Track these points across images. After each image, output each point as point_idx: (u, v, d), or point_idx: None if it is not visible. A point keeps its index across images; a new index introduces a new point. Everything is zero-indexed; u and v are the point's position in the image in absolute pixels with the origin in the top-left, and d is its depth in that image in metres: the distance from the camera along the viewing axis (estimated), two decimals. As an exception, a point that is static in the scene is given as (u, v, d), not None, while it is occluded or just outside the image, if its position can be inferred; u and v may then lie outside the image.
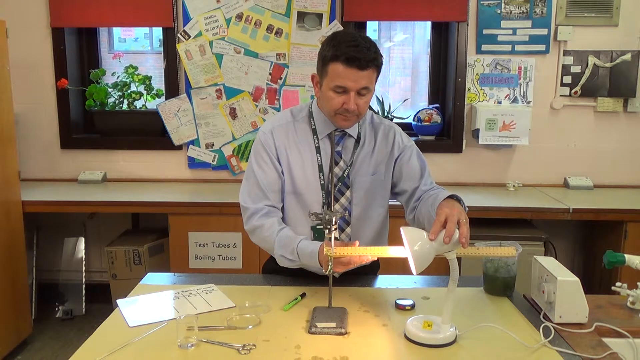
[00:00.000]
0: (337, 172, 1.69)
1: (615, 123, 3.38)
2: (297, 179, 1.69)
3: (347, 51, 1.50)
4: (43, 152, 3.49)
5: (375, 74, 1.58)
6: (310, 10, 3.28)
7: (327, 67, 1.56)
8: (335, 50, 1.53)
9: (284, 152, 1.70)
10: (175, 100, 3.39)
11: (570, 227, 3.47)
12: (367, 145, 1.73)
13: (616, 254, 1.55)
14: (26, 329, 3.02)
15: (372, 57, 1.53)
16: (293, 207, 1.72)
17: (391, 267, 2.76)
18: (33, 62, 3.39)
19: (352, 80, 1.53)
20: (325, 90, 1.59)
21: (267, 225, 1.65)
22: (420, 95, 3.78)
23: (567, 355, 1.27)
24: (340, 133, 1.69)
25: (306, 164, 1.69)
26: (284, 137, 1.70)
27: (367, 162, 1.72)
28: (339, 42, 1.53)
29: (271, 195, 1.69)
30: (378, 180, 1.73)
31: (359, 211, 1.72)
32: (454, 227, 1.32)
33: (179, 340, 1.31)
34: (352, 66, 1.51)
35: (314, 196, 1.69)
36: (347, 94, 1.55)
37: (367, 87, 1.56)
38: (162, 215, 3.00)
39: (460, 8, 3.23)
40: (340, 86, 1.54)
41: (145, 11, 3.30)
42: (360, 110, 1.59)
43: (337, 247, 1.40)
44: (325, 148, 1.70)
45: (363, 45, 1.52)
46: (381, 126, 1.76)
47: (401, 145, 1.75)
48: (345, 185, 1.69)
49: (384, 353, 1.30)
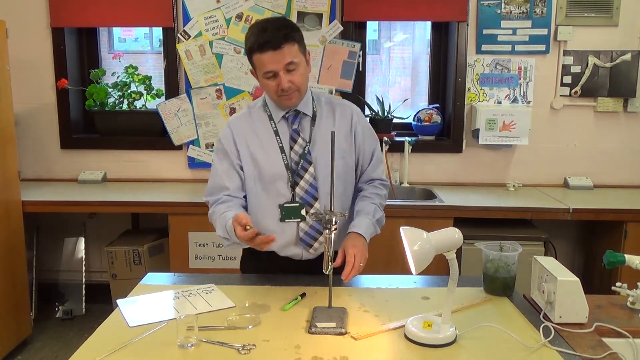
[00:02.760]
0: (297, 150, 1.73)
1: (615, 123, 3.38)
2: (260, 162, 1.74)
3: (257, 39, 1.60)
4: (43, 152, 3.49)
5: (296, 46, 1.63)
6: (310, 10, 3.28)
7: (252, 61, 1.66)
8: (249, 42, 1.63)
9: (243, 141, 1.76)
10: (175, 100, 3.39)
11: (570, 227, 3.47)
12: (325, 122, 1.77)
13: (616, 254, 1.55)
14: (26, 329, 3.02)
15: (283, 34, 1.59)
16: (259, 195, 1.76)
17: (391, 267, 2.77)
18: (33, 62, 3.39)
19: (274, 62, 1.60)
20: (260, 80, 1.67)
21: (216, 210, 1.73)
22: (420, 95, 3.78)
23: (567, 355, 1.27)
24: (294, 112, 1.75)
25: (267, 147, 1.74)
26: (242, 127, 1.77)
27: (327, 139, 1.71)
28: (251, 34, 1.63)
29: (230, 184, 1.76)
30: (338, 158, 1.75)
31: (323, 189, 1.74)
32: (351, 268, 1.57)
33: (179, 340, 1.31)
34: (266, 50, 1.59)
35: (279, 177, 1.73)
36: (277, 76, 1.62)
37: (291, 62, 1.61)
38: (162, 215, 3.00)
39: (460, 8, 3.23)
40: (267, 72, 1.62)
41: (145, 11, 3.30)
42: (297, 84, 1.65)
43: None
44: (283, 130, 1.75)
45: (271, 28, 1.60)
46: (339, 106, 1.82)
47: (356, 122, 1.80)
48: (307, 162, 1.73)
49: (384, 353, 1.30)
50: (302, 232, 1.73)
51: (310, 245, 1.74)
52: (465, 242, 1.37)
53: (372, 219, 1.75)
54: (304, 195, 1.72)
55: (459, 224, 2.79)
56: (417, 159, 3.42)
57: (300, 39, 1.65)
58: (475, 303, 1.56)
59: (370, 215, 1.76)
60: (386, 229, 2.69)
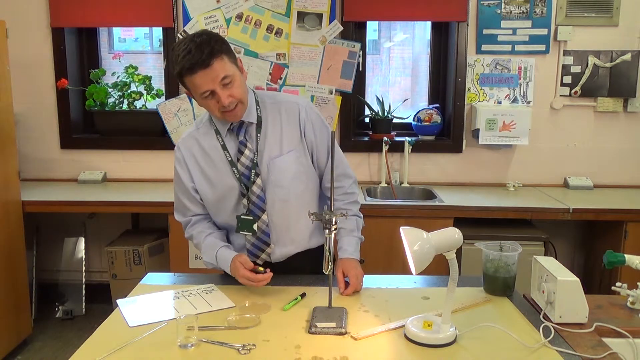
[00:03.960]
0: (244, 162, 1.69)
1: (615, 123, 3.38)
2: (213, 179, 1.73)
3: (184, 63, 1.52)
4: (43, 152, 3.49)
5: (225, 59, 1.55)
6: (310, 10, 3.28)
7: (184, 84, 1.59)
8: (177, 67, 1.54)
9: (193, 161, 1.74)
10: (175, 100, 3.39)
11: (570, 227, 3.47)
12: (271, 127, 1.72)
13: (616, 254, 1.55)
14: (26, 329, 3.02)
15: (208, 52, 1.51)
16: (217, 210, 1.77)
17: (391, 267, 2.77)
18: (33, 62, 3.39)
19: (207, 81, 1.53)
20: (199, 100, 1.61)
21: (195, 234, 1.79)
22: (420, 95, 3.78)
23: (567, 355, 1.27)
24: (238, 123, 1.69)
25: (217, 163, 1.72)
26: (190, 147, 1.75)
27: (276, 144, 1.72)
28: (176, 59, 1.54)
29: (192, 205, 1.78)
30: (292, 159, 1.72)
31: (274, 194, 1.72)
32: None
33: (179, 340, 1.31)
34: (196, 71, 1.52)
35: (232, 191, 1.71)
36: (215, 94, 1.56)
37: (225, 76, 1.55)
38: (162, 215, 3.00)
39: (460, 8, 3.23)
40: (203, 92, 1.56)
41: (145, 11, 3.30)
42: (237, 97, 1.59)
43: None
44: (230, 144, 1.71)
45: (195, 47, 1.51)
46: (283, 104, 1.74)
47: (305, 118, 1.74)
48: (256, 173, 1.70)
49: (384, 353, 1.30)
50: (249, 243, 1.74)
51: (257, 256, 1.75)
52: (465, 242, 1.37)
53: (356, 235, 1.80)
54: (252, 207, 1.70)
55: (459, 224, 2.79)
56: (417, 159, 3.42)
57: (227, 50, 1.57)
58: (475, 303, 1.56)
59: (355, 231, 1.80)
60: (386, 229, 2.72)
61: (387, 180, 3.37)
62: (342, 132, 3.39)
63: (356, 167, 3.40)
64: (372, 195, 3.28)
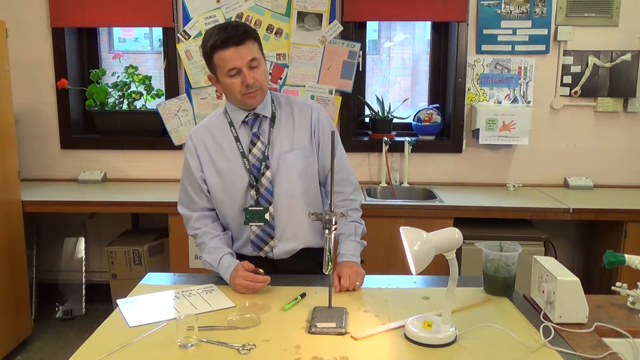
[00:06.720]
0: (256, 153, 1.74)
1: (615, 123, 3.38)
2: (223, 169, 1.76)
3: (219, 37, 1.61)
4: (43, 152, 3.49)
5: (256, 45, 1.66)
6: (310, 10, 3.28)
7: (213, 61, 1.66)
8: (211, 41, 1.63)
9: (204, 151, 1.78)
10: (175, 100, 3.39)
11: (570, 227, 3.47)
12: (284, 124, 1.78)
13: (616, 254, 1.55)
14: (26, 329, 3.02)
15: (243, 31, 1.62)
16: (224, 201, 1.78)
17: (391, 267, 2.77)
18: (33, 62, 3.39)
19: (238, 57, 1.62)
20: (223, 81, 1.67)
21: (200, 233, 1.79)
22: (420, 95, 3.78)
23: (567, 355, 1.27)
24: (253, 116, 1.75)
25: (229, 154, 1.76)
26: (202, 137, 1.79)
27: (287, 140, 1.77)
28: (210, 35, 1.64)
29: (197, 198, 1.80)
30: (300, 156, 1.77)
31: (282, 188, 1.75)
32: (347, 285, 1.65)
33: (179, 340, 1.31)
34: (229, 46, 1.60)
35: (241, 182, 1.74)
36: (241, 73, 1.63)
37: (254, 58, 1.64)
38: (162, 215, 3.00)
39: (460, 8, 3.23)
40: (231, 68, 1.63)
41: (145, 11, 3.30)
42: (260, 82, 1.66)
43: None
44: (243, 135, 1.76)
45: (231, 26, 1.63)
46: (296, 105, 1.82)
47: (316, 121, 1.80)
48: (266, 166, 1.74)
49: (384, 353, 1.30)
50: (253, 234, 1.76)
51: (260, 248, 1.78)
52: (465, 242, 1.37)
53: (354, 239, 1.81)
54: (260, 199, 1.74)
55: (459, 224, 2.79)
56: (417, 159, 3.42)
57: (259, 40, 1.68)
58: (475, 303, 1.56)
59: (352, 236, 1.81)
60: (386, 229, 2.72)
61: (387, 180, 3.37)
62: (342, 132, 3.39)
63: (356, 167, 3.40)
64: (372, 195, 3.28)
